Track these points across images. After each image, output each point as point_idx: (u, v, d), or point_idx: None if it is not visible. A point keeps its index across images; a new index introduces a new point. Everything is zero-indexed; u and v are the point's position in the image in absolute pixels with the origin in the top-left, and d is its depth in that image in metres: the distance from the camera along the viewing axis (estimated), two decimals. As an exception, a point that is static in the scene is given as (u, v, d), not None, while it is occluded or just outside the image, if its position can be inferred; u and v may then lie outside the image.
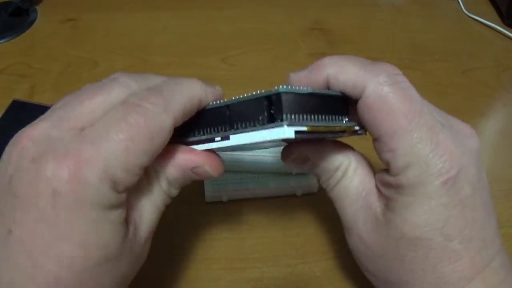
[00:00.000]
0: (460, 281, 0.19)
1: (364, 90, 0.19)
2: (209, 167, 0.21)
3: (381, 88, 0.19)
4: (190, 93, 0.19)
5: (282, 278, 0.28)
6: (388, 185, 0.20)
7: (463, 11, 0.50)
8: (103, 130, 0.17)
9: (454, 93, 0.41)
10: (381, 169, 0.21)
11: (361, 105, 0.20)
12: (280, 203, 0.31)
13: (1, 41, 0.45)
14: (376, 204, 0.21)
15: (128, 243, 0.18)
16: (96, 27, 0.47)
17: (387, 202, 0.20)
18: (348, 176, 0.22)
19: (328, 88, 0.21)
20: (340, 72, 0.20)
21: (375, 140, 0.20)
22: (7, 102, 0.36)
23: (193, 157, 0.20)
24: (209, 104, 0.21)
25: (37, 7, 0.49)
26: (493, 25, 0.48)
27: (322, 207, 0.31)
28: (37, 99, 0.38)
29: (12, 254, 0.16)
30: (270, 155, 0.30)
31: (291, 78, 0.22)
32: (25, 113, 0.36)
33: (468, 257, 0.19)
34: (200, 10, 0.49)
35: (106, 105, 0.18)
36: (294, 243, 0.30)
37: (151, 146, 0.17)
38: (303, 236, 0.30)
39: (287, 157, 0.23)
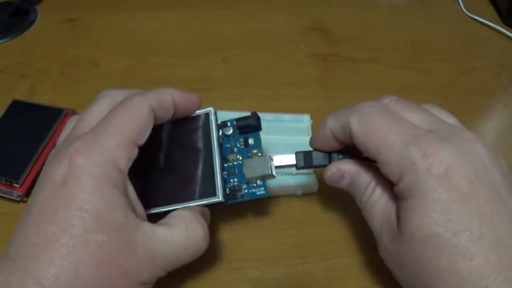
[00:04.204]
0: (481, 281, 0.18)
1: (350, 127, 0.23)
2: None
3: (360, 119, 0.22)
4: (164, 90, 0.25)
5: (282, 278, 0.28)
6: (396, 196, 0.22)
7: (463, 11, 0.50)
8: (100, 123, 0.22)
9: (454, 93, 0.41)
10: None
11: (354, 140, 0.23)
12: (280, 203, 0.31)
13: (1, 41, 0.45)
14: (393, 215, 0.22)
15: (127, 221, 0.21)
16: (96, 27, 0.47)
17: (398, 211, 0.21)
18: (377, 192, 0.24)
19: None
20: (333, 122, 0.24)
21: (377, 163, 0.22)
22: (7, 102, 0.36)
23: None
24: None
25: (37, 7, 0.49)
26: (493, 25, 0.48)
27: (322, 207, 0.31)
28: (37, 99, 0.38)
29: (23, 228, 0.20)
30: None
31: (311, 143, 0.27)
32: (25, 113, 0.36)
33: (482, 255, 0.19)
34: (200, 10, 0.49)
35: (97, 113, 0.23)
36: (294, 243, 0.30)
37: (135, 124, 0.22)
38: (303, 236, 0.30)
39: (327, 172, 0.26)
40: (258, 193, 0.26)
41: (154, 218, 0.25)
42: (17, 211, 0.30)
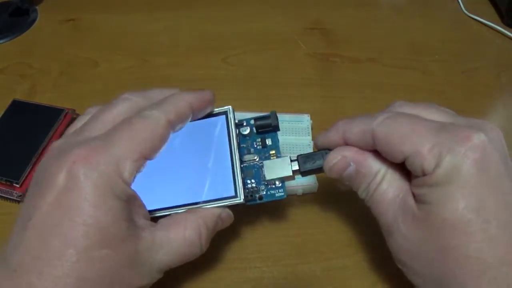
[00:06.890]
0: (502, 267, 0.19)
1: (372, 133, 0.22)
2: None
3: (384, 122, 0.22)
4: (181, 98, 0.24)
5: (282, 278, 0.28)
6: (423, 185, 0.21)
7: (463, 11, 0.50)
8: (112, 131, 0.22)
9: (454, 93, 0.41)
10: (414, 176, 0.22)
11: (378, 145, 0.23)
12: (280, 203, 0.31)
13: (1, 41, 0.45)
14: (412, 203, 0.22)
15: (129, 232, 0.20)
16: (96, 27, 0.47)
17: (423, 199, 0.21)
18: (387, 180, 0.23)
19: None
20: (348, 129, 0.24)
21: (404, 162, 0.22)
22: (7, 102, 0.36)
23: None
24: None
25: (37, 7, 0.49)
26: (493, 25, 0.48)
27: (322, 207, 0.31)
28: (37, 99, 0.38)
29: (26, 237, 0.19)
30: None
31: (317, 140, 0.26)
32: (25, 113, 0.36)
33: (506, 242, 0.19)
34: (200, 10, 0.49)
35: (114, 117, 0.23)
36: (294, 243, 0.30)
37: (150, 140, 0.22)
38: (303, 236, 0.30)
39: (332, 161, 0.25)
40: (277, 194, 0.26)
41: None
42: (17, 211, 0.30)
